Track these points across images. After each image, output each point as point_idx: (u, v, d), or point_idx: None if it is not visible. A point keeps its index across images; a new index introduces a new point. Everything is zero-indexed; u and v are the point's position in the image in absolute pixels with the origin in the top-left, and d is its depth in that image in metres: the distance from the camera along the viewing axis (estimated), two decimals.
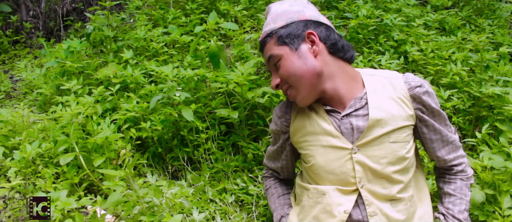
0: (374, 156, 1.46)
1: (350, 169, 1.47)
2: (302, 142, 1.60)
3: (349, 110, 1.50)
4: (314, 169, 1.54)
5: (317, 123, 1.53)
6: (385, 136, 1.47)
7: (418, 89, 1.53)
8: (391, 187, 1.49)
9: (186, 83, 2.94)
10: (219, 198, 2.52)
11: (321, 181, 1.54)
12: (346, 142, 1.47)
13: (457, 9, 4.46)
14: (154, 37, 3.61)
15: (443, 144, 1.62)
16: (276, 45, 1.52)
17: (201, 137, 2.71)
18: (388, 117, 1.47)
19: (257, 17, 3.78)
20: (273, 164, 1.87)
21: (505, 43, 3.67)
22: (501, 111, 2.78)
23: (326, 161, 1.50)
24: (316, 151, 1.52)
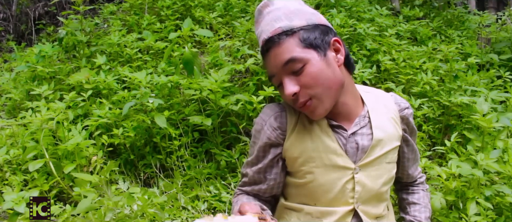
0: (372, 176, 1.44)
1: (350, 189, 1.41)
2: (299, 158, 1.42)
3: (355, 128, 1.42)
4: (310, 187, 1.43)
5: (320, 139, 1.40)
6: (383, 157, 1.45)
7: (407, 110, 1.54)
8: (379, 205, 1.50)
9: (159, 89, 2.93)
10: (191, 206, 2.52)
11: (316, 201, 1.44)
12: (350, 161, 1.40)
13: (428, 20, 4.57)
14: (128, 42, 3.58)
15: (415, 161, 1.64)
16: (301, 47, 1.31)
17: (174, 144, 2.70)
18: (386, 137, 1.45)
19: (232, 25, 3.80)
20: (257, 187, 1.52)
21: (473, 53, 3.77)
22: (469, 119, 2.86)
23: (327, 181, 1.41)
24: (316, 169, 1.40)
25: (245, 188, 1.54)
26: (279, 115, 1.43)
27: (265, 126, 1.43)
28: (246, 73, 3.37)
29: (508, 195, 2.22)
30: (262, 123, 1.44)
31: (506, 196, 2.22)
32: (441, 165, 2.75)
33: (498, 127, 2.61)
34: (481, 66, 3.78)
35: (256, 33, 1.40)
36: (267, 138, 1.42)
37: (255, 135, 1.48)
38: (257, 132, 1.46)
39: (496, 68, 3.66)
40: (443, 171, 2.30)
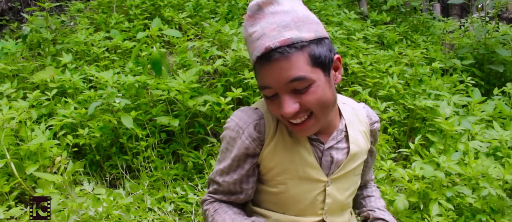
0: (342, 188, 1.45)
1: (320, 201, 1.42)
2: (274, 168, 1.37)
3: (332, 143, 1.40)
4: (282, 197, 1.41)
5: (298, 151, 1.35)
6: (353, 170, 1.46)
7: (377, 124, 1.55)
8: (345, 213, 1.52)
9: (126, 89, 2.90)
10: (158, 207, 2.49)
11: (287, 210, 1.43)
12: (323, 175, 1.39)
13: (395, 25, 4.67)
14: (95, 41, 3.53)
15: (372, 166, 1.68)
16: (310, 66, 1.18)
17: (141, 145, 2.67)
18: (359, 151, 1.46)
19: (201, 25, 3.78)
20: (233, 196, 1.44)
21: (438, 58, 3.87)
22: (432, 123, 2.93)
23: (299, 192, 1.39)
24: (290, 181, 1.38)
25: (218, 196, 1.45)
26: (257, 123, 1.34)
27: (243, 136, 1.33)
28: (214, 74, 3.36)
29: (468, 196, 2.29)
30: (239, 130, 1.34)
31: (466, 197, 2.29)
32: (405, 167, 2.81)
33: (459, 130, 2.69)
34: (444, 70, 3.88)
35: (251, 31, 1.23)
36: (245, 148, 1.34)
37: (229, 142, 1.37)
38: (231, 140, 1.36)
39: (459, 73, 3.77)
40: (406, 173, 2.35)
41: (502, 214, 2.25)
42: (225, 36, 3.38)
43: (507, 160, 2.55)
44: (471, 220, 2.26)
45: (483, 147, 2.71)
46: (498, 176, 2.32)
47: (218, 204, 1.44)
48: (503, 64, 4.07)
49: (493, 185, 2.28)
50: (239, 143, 1.34)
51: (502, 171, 2.30)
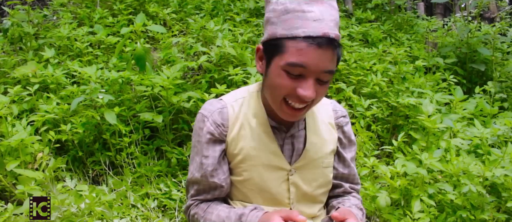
0: (307, 179, 1.47)
1: (285, 189, 1.44)
2: (238, 155, 1.42)
3: (293, 131, 1.45)
4: (247, 185, 1.44)
5: (261, 138, 1.40)
6: (319, 161, 1.48)
7: (342, 119, 1.57)
8: (314, 206, 1.53)
9: (110, 85, 2.87)
10: (141, 203, 2.48)
11: (254, 199, 1.46)
12: (286, 163, 1.43)
13: (379, 23, 4.70)
14: (78, 36, 3.49)
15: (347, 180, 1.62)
16: (335, 64, 1.26)
17: (124, 141, 2.65)
18: (320, 142, 1.49)
19: (186, 21, 3.77)
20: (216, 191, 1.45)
21: (421, 57, 3.91)
22: (415, 120, 2.96)
23: (263, 180, 1.42)
24: (253, 168, 1.42)
25: (202, 197, 1.47)
26: (221, 111, 1.42)
27: (207, 122, 1.40)
28: (199, 71, 3.35)
29: (449, 192, 2.32)
30: (204, 119, 1.41)
31: (448, 193, 2.32)
32: (388, 164, 2.83)
33: (441, 128, 2.72)
34: (427, 69, 3.92)
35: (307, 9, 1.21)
36: (210, 134, 1.40)
37: (199, 133, 1.43)
38: (199, 129, 1.43)
39: (442, 71, 3.81)
40: (389, 170, 2.37)
41: (482, 210, 2.28)
42: (210, 32, 3.37)
43: (487, 158, 2.59)
44: (452, 216, 2.29)
45: (465, 144, 2.75)
46: (478, 173, 2.35)
47: (205, 204, 1.47)
48: (484, 63, 4.12)
49: (473, 182, 2.31)
50: (205, 130, 1.40)
51: (482, 168, 2.33)
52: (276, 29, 1.24)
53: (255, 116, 1.42)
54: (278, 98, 1.28)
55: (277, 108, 1.31)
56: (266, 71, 1.31)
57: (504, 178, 2.35)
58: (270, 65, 1.27)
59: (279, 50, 1.23)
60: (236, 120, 1.42)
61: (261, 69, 1.35)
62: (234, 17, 3.91)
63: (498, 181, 2.36)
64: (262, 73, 1.35)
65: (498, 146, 2.89)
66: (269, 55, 1.27)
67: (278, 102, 1.29)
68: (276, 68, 1.24)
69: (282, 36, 1.22)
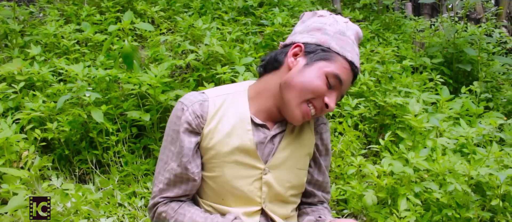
0: (280, 179, 1.46)
1: (257, 188, 1.43)
2: (212, 150, 1.40)
3: (277, 131, 1.46)
4: (218, 181, 1.42)
5: (238, 135, 1.40)
6: (293, 162, 1.48)
7: (323, 126, 1.58)
8: (287, 206, 1.52)
9: (97, 83, 2.86)
10: (128, 202, 2.47)
11: (224, 196, 1.43)
12: (261, 162, 1.42)
13: (367, 23, 4.72)
14: (65, 33, 3.46)
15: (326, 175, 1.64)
16: None
17: (111, 140, 2.63)
18: (299, 143, 1.49)
19: (174, 19, 3.75)
20: (188, 185, 1.42)
21: (408, 57, 3.94)
22: (402, 120, 2.98)
23: (235, 177, 1.41)
24: (226, 164, 1.40)
25: (172, 194, 1.41)
26: (202, 103, 1.41)
27: (187, 112, 1.38)
28: (187, 69, 3.34)
29: (435, 191, 2.34)
30: (184, 108, 1.40)
31: (433, 192, 2.34)
32: (376, 163, 2.85)
33: (428, 127, 2.74)
34: (415, 68, 3.95)
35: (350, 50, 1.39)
36: (188, 123, 1.38)
37: (176, 122, 1.41)
38: (177, 118, 1.41)
39: (429, 71, 3.84)
40: (376, 169, 2.39)
41: (467, 208, 2.31)
42: (198, 30, 3.36)
43: (472, 157, 2.62)
44: (437, 214, 2.31)
45: (450, 143, 2.78)
46: (463, 172, 2.38)
47: (176, 203, 1.42)
48: (470, 63, 4.16)
49: (459, 180, 2.34)
50: (183, 119, 1.38)
51: (467, 167, 2.36)
52: (330, 41, 1.37)
53: (236, 113, 1.42)
54: (305, 96, 1.35)
55: (295, 104, 1.36)
56: (299, 68, 1.37)
57: (488, 177, 2.38)
58: (311, 65, 1.35)
59: (328, 58, 1.35)
60: (215, 115, 1.41)
61: (292, 64, 1.39)
62: (222, 16, 3.90)
63: (483, 180, 2.39)
64: (290, 68, 1.39)
65: (483, 145, 2.92)
66: (314, 57, 1.36)
67: (301, 100, 1.35)
68: (319, 70, 1.34)
69: (335, 49, 1.36)
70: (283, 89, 1.38)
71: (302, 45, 1.39)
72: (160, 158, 1.44)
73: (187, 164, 1.38)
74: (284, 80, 1.38)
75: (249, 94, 1.46)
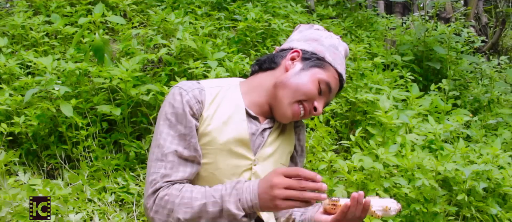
0: (267, 172, 1.42)
1: (246, 179, 1.44)
2: (207, 136, 1.41)
3: (267, 125, 1.52)
4: (209, 168, 1.43)
5: (234, 124, 1.44)
6: (277, 156, 1.54)
7: (301, 127, 1.67)
8: None
9: (67, 76, 2.80)
10: (98, 198, 2.44)
11: (212, 184, 1.40)
12: (251, 153, 1.47)
13: (340, 20, 4.77)
14: (34, 25, 3.38)
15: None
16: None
17: (81, 134, 2.59)
18: (285, 140, 1.57)
19: (147, 13, 3.71)
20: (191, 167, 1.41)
21: (380, 54, 3.99)
22: (373, 116, 3.02)
23: (227, 165, 1.43)
24: (220, 152, 1.42)
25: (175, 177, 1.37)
26: (200, 91, 1.44)
27: (187, 96, 1.40)
28: (158, 63, 3.31)
29: (404, 186, 2.39)
30: (183, 92, 1.40)
31: (402, 187, 2.38)
32: (346, 158, 2.89)
33: (398, 123, 2.79)
34: (386, 66, 4.01)
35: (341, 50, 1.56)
36: (190, 106, 1.39)
37: (174, 105, 1.40)
38: (177, 102, 1.40)
39: (399, 68, 3.91)
40: (346, 164, 2.42)
41: (434, 203, 2.36)
42: (171, 24, 3.33)
43: (440, 153, 2.68)
44: (406, 209, 2.35)
45: (419, 140, 2.83)
46: (431, 167, 2.43)
47: (179, 185, 1.37)
48: (440, 61, 4.25)
49: (427, 176, 2.39)
50: (184, 102, 1.39)
51: (435, 163, 2.41)
52: (325, 52, 1.50)
53: (232, 104, 1.47)
54: (297, 97, 1.46)
55: (288, 103, 1.46)
56: (295, 71, 1.48)
57: (455, 172, 2.44)
58: (306, 70, 1.47)
59: (322, 66, 1.48)
60: (212, 102, 1.45)
61: (289, 67, 1.50)
62: (195, 10, 3.88)
63: (450, 175, 2.45)
64: (287, 70, 1.49)
65: (451, 141, 2.99)
66: (309, 63, 1.48)
67: (293, 100, 1.46)
68: (313, 76, 1.46)
69: (328, 60, 1.49)
70: (278, 87, 1.48)
71: (300, 51, 1.51)
72: (157, 145, 1.40)
73: (196, 145, 1.39)
74: (281, 80, 1.48)
75: (242, 88, 1.53)
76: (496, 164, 2.60)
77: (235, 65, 3.00)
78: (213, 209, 1.30)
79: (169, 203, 1.33)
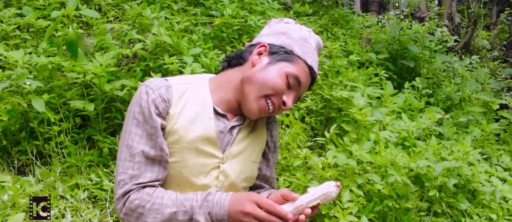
0: (237, 170, 1.50)
1: (214, 177, 1.46)
2: (174, 135, 1.40)
3: (236, 123, 1.51)
4: (177, 167, 1.42)
5: (201, 122, 1.43)
6: (248, 154, 1.53)
7: (274, 123, 1.67)
8: None
9: (39, 71, 2.74)
10: (70, 194, 2.40)
11: (181, 183, 1.43)
12: (219, 151, 1.46)
13: (317, 17, 4.79)
14: (4, 18, 3.30)
15: (274, 170, 1.71)
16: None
17: (53, 130, 2.54)
18: (255, 137, 1.56)
19: (122, 7, 3.66)
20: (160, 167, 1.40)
21: (355, 52, 4.03)
22: (347, 113, 3.05)
23: (194, 164, 1.43)
24: (187, 151, 1.41)
25: (145, 180, 1.37)
26: (167, 89, 1.42)
27: (153, 94, 1.39)
28: (134, 59, 3.27)
29: (377, 183, 2.42)
30: (149, 91, 1.39)
31: (376, 183, 2.42)
32: (321, 155, 2.91)
33: (372, 121, 2.82)
34: (361, 63, 4.05)
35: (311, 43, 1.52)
36: (155, 106, 1.38)
37: (141, 104, 1.39)
38: (144, 101, 1.39)
39: (374, 66, 3.95)
40: (321, 161, 2.44)
41: (407, 199, 2.40)
42: (146, 19, 3.29)
43: (412, 149, 2.72)
44: (379, 205, 2.39)
45: (393, 137, 2.87)
46: (404, 164, 2.47)
47: (150, 188, 1.38)
48: (414, 60, 4.32)
49: (399, 172, 2.42)
50: (150, 101, 1.39)
51: (407, 160, 2.45)
52: (293, 45, 1.47)
53: (200, 101, 1.45)
54: (264, 91, 1.43)
55: (253, 98, 1.43)
56: (262, 66, 1.45)
57: (427, 168, 2.48)
58: (273, 64, 1.44)
59: (290, 59, 1.45)
60: (180, 100, 1.43)
61: (256, 62, 1.47)
62: (171, 5, 3.84)
63: (422, 172, 2.49)
64: (254, 65, 1.47)
65: (423, 138, 3.04)
66: (277, 57, 1.45)
67: (260, 95, 1.43)
68: (280, 70, 1.43)
69: (297, 53, 1.46)
70: (244, 83, 1.45)
71: (267, 45, 1.48)
72: (125, 145, 1.40)
73: (162, 145, 1.38)
74: (247, 75, 1.46)
75: (210, 85, 1.51)
76: (466, 161, 2.66)
77: (211, 61, 2.99)
78: (183, 218, 1.33)
79: (139, 207, 1.34)
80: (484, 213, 2.63)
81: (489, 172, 2.83)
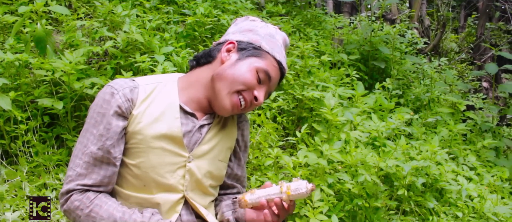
0: (202, 168, 1.50)
1: (180, 176, 1.46)
2: (138, 135, 1.40)
3: (205, 122, 1.52)
4: (142, 167, 1.42)
5: (166, 123, 1.43)
6: (215, 153, 1.54)
7: (245, 122, 1.69)
8: (206, 198, 1.57)
9: (5, 68, 2.67)
10: (38, 194, 2.35)
11: (147, 183, 1.43)
12: (185, 150, 1.46)
13: (290, 17, 4.82)
14: None
15: (244, 169, 1.74)
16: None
17: (20, 128, 2.48)
18: (223, 136, 1.56)
19: (93, 4, 3.60)
20: (107, 171, 1.39)
21: (327, 52, 4.07)
22: (319, 113, 3.08)
23: (160, 163, 1.43)
24: (152, 150, 1.41)
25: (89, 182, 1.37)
26: (132, 89, 1.43)
27: (117, 95, 1.39)
28: (104, 56, 3.22)
29: (347, 182, 2.45)
30: (114, 91, 1.40)
31: (346, 183, 2.44)
32: (292, 154, 2.93)
33: (342, 121, 2.85)
34: (333, 64, 4.10)
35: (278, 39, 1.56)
36: (118, 106, 1.38)
37: (102, 105, 1.40)
38: (105, 101, 1.40)
39: (346, 67, 4.00)
40: (292, 161, 2.45)
41: (376, 198, 2.44)
42: (118, 17, 3.25)
43: (382, 149, 2.77)
44: (349, 204, 2.41)
45: (363, 137, 2.91)
46: (374, 163, 2.50)
47: (93, 193, 1.38)
48: (384, 61, 4.40)
49: (369, 172, 2.46)
50: (113, 102, 1.39)
51: (377, 159, 2.49)
52: (261, 41, 1.51)
53: (166, 100, 1.46)
54: (235, 87, 1.44)
55: (225, 94, 1.44)
56: (231, 62, 1.47)
57: (396, 168, 2.53)
58: (242, 60, 1.46)
59: (259, 55, 1.48)
60: (145, 100, 1.44)
61: (225, 59, 1.49)
62: (143, 3, 3.80)
63: (391, 171, 2.54)
64: (223, 62, 1.49)
65: (393, 138, 3.09)
66: (245, 53, 1.48)
67: (231, 90, 1.44)
68: (250, 65, 1.46)
69: (265, 48, 1.50)
70: (215, 80, 1.46)
71: (235, 42, 1.51)
72: (79, 141, 1.42)
73: (110, 147, 1.38)
74: (217, 72, 1.47)
75: (180, 84, 1.52)
76: (434, 161, 2.72)
77: (183, 60, 2.97)
78: None
79: (78, 210, 1.36)
80: (451, 211, 2.69)
81: (455, 171, 2.91)
